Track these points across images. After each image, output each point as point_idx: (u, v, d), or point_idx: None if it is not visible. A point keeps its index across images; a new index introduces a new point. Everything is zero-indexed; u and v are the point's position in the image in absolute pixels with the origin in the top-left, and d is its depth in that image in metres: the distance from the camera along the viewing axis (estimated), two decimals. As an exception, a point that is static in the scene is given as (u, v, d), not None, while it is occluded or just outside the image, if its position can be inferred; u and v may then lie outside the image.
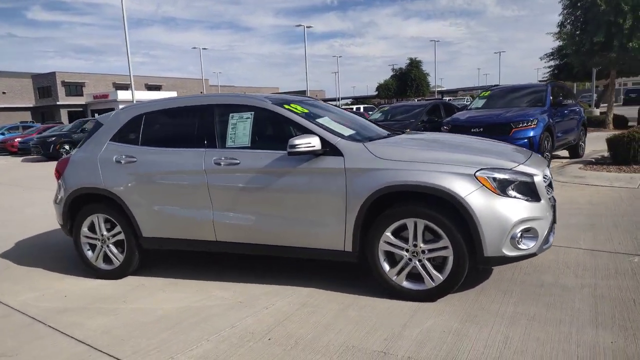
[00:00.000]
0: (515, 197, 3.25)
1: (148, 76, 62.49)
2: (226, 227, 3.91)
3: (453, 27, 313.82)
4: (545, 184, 3.44)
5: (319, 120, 3.89)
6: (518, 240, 3.21)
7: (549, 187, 3.58)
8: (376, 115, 12.83)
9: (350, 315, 3.29)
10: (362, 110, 28.12)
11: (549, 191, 3.55)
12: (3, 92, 55.65)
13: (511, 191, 3.26)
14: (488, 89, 11.60)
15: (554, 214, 3.60)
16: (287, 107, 3.94)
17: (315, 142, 3.50)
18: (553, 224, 3.55)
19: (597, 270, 3.79)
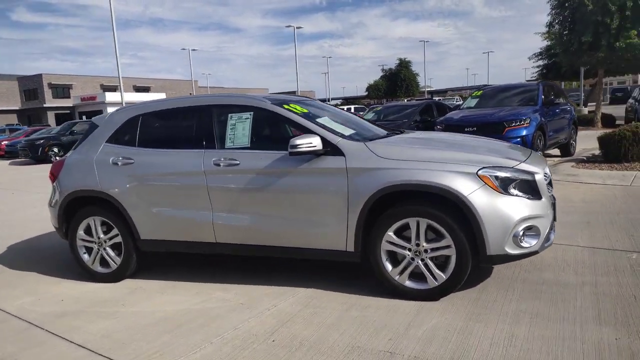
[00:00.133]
0: (517, 195, 3.27)
1: (136, 78, 62.00)
2: (226, 229, 3.87)
3: (441, 28, 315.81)
4: (545, 182, 3.46)
5: (318, 120, 3.88)
6: (520, 238, 3.23)
7: (549, 185, 3.60)
8: (369, 115, 12.84)
9: (353, 316, 3.27)
10: (353, 110, 28.14)
11: (549, 189, 3.57)
12: (-12, 95, 54.96)
13: (513, 189, 3.27)
14: (479, 88, 11.67)
15: (554, 211, 3.62)
16: (286, 107, 3.91)
17: (316, 142, 3.48)
18: (553, 221, 3.57)
19: (596, 267, 3.82)
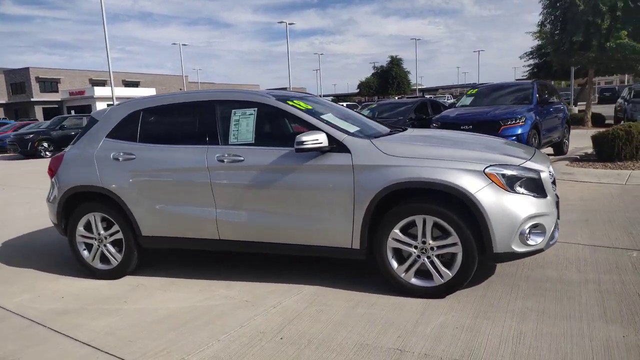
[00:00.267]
0: (523, 193, 3.28)
1: (125, 72, 61.39)
2: (230, 225, 3.85)
3: (432, 26, 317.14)
4: (550, 180, 3.48)
5: (323, 116, 3.86)
6: (527, 236, 3.24)
7: (553, 183, 3.62)
8: (364, 112, 12.84)
9: (360, 313, 3.27)
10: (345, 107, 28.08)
11: (554, 187, 3.59)
12: (-26, 88, 54.08)
13: (519, 187, 3.29)
14: (472, 86, 11.72)
15: (558, 210, 3.65)
16: (290, 103, 3.89)
17: (322, 139, 3.47)
18: (557, 220, 3.60)
19: (598, 265, 3.86)
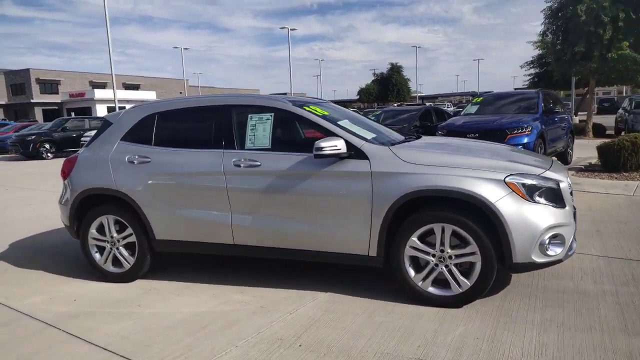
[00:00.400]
0: (543, 203, 3.28)
1: (125, 75, 61.34)
2: (245, 230, 3.83)
3: (431, 34, 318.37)
4: (569, 190, 3.48)
5: (340, 122, 3.85)
6: (546, 246, 3.24)
7: (570, 194, 3.62)
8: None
9: (377, 322, 3.25)
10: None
11: (571, 198, 3.59)
12: (-26, 88, 53.99)
13: (538, 197, 3.28)
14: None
15: (575, 220, 3.64)
16: (307, 108, 3.89)
17: (341, 145, 3.46)
18: (575, 230, 3.59)
19: (614, 276, 3.85)
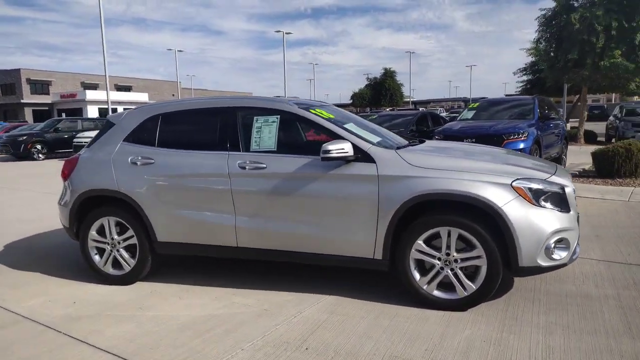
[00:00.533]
0: (549, 207, 3.30)
1: (118, 76, 60.98)
2: (249, 233, 3.81)
3: (423, 40, 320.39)
4: (573, 195, 3.50)
5: (345, 125, 3.85)
6: (552, 250, 3.25)
7: (574, 199, 3.65)
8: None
9: (383, 325, 3.24)
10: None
11: (575, 203, 3.62)
12: (-37, 88, 53.38)
13: (544, 202, 3.30)
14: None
15: (578, 225, 3.66)
16: (313, 111, 3.89)
17: (347, 148, 3.46)
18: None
19: (615, 280, 3.88)
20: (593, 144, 18.20)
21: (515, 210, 3.19)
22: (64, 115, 41.46)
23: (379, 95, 52.24)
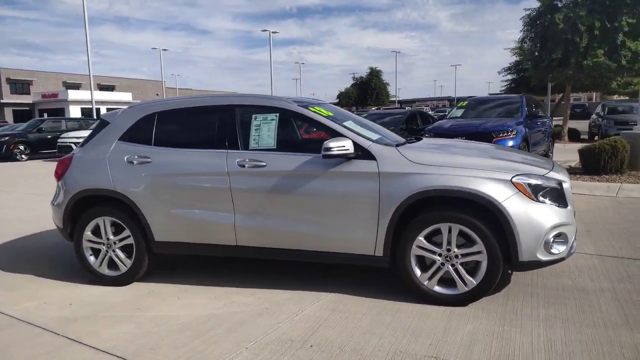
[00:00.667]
0: (547, 202, 3.34)
1: (101, 76, 60.09)
2: (249, 231, 3.79)
3: (408, 40, 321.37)
4: (570, 190, 3.55)
5: (345, 123, 3.86)
6: (551, 245, 3.30)
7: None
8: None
9: (386, 321, 3.25)
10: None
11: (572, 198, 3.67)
12: (-60, 88, 52.06)
13: (543, 197, 3.34)
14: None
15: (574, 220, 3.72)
16: (312, 109, 3.88)
17: (348, 146, 3.47)
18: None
19: (609, 274, 3.95)
20: (577, 141, 18.50)
21: (515, 205, 3.23)
22: (45, 115, 40.77)
23: (365, 94, 52.39)
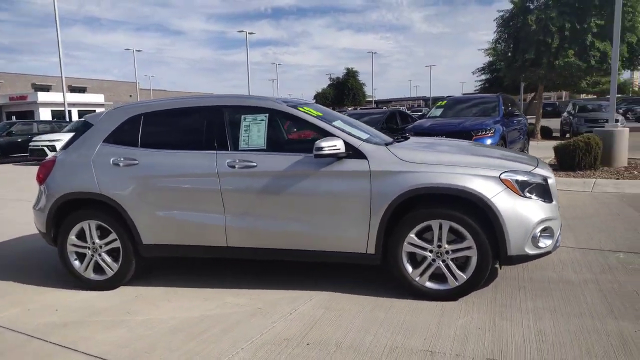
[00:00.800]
0: (534, 198, 3.43)
1: (72, 77, 58.61)
2: (240, 232, 3.78)
3: (383, 41, 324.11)
4: (554, 186, 3.66)
5: (334, 123, 3.88)
6: (538, 239, 3.39)
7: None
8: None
9: (379, 317, 3.29)
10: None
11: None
12: None
13: (529, 193, 3.43)
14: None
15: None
16: (301, 109, 3.89)
17: (340, 145, 3.49)
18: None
19: (591, 266, 4.08)
20: (549, 139, 18.98)
21: (503, 201, 3.31)
22: (14, 118, 39.62)
23: (342, 94, 52.65)
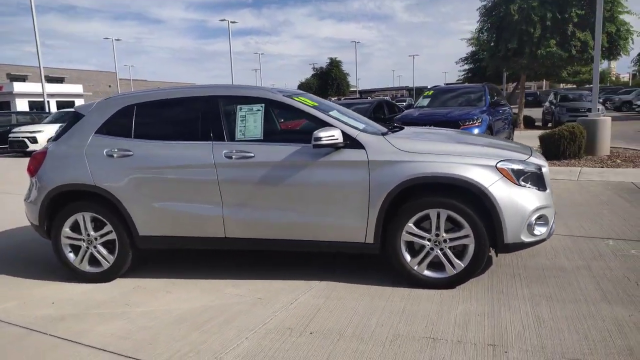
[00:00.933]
0: (529, 186, 3.49)
1: (49, 67, 57.12)
2: (237, 223, 3.77)
3: (365, 30, 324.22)
4: (548, 174, 3.73)
5: (330, 113, 3.88)
6: (533, 227, 3.46)
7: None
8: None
9: (380, 306, 3.33)
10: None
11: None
12: None
13: (524, 181, 3.49)
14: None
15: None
16: (297, 99, 3.89)
17: (337, 135, 3.50)
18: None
19: (582, 253, 4.18)
20: (532, 128, 19.26)
21: (500, 190, 3.36)
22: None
23: (325, 84, 52.53)
